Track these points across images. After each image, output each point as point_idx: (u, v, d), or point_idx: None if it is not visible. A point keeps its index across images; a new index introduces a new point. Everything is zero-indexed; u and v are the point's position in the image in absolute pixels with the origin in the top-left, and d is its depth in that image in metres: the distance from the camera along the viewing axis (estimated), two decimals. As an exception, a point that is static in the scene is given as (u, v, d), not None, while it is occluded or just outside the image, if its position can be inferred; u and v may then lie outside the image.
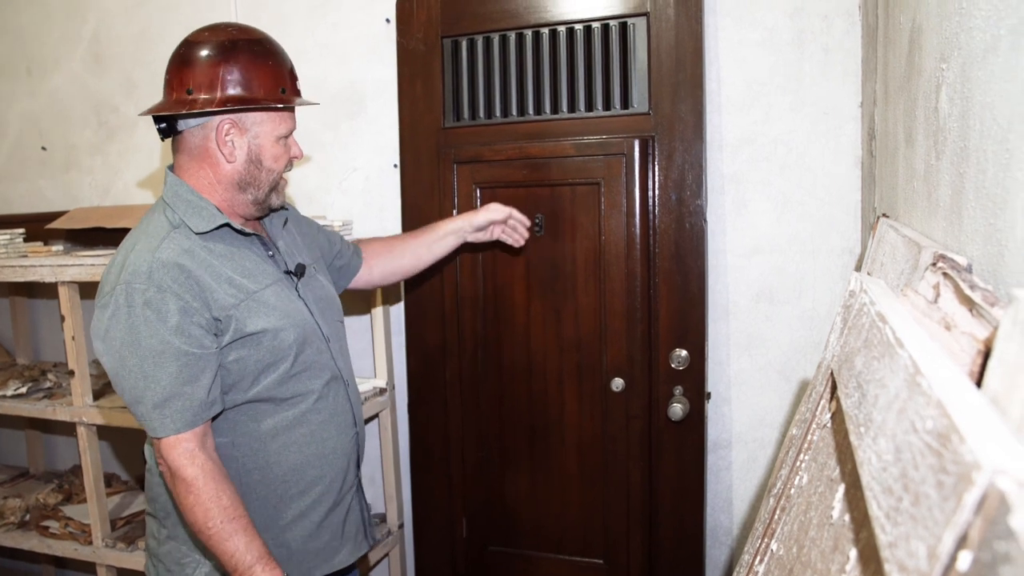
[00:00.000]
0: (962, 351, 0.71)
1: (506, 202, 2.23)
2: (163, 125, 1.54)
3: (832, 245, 2.15)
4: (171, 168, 1.58)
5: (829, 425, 1.00)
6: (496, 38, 2.32)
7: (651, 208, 2.16)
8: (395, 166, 2.56)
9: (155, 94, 2.92)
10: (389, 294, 2.59)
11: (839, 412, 0.91)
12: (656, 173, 2.15)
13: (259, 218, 1.67)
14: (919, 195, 1.18)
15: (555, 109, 2.28)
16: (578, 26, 2.23)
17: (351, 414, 1.70)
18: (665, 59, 2.13)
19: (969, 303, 0.74)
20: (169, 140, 1.58)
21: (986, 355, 0.64)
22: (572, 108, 2.26)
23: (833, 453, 0.93)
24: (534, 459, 2.34)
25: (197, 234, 1.49)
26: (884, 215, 1.52)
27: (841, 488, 0.85)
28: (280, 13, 2.70)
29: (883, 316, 0.74)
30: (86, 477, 2.56)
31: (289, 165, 1.62)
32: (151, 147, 2.99)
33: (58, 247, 2.72)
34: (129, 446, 3.17)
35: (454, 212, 2.33)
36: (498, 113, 2.35)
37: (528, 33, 2.29)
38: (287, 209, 1.76)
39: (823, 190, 2.15)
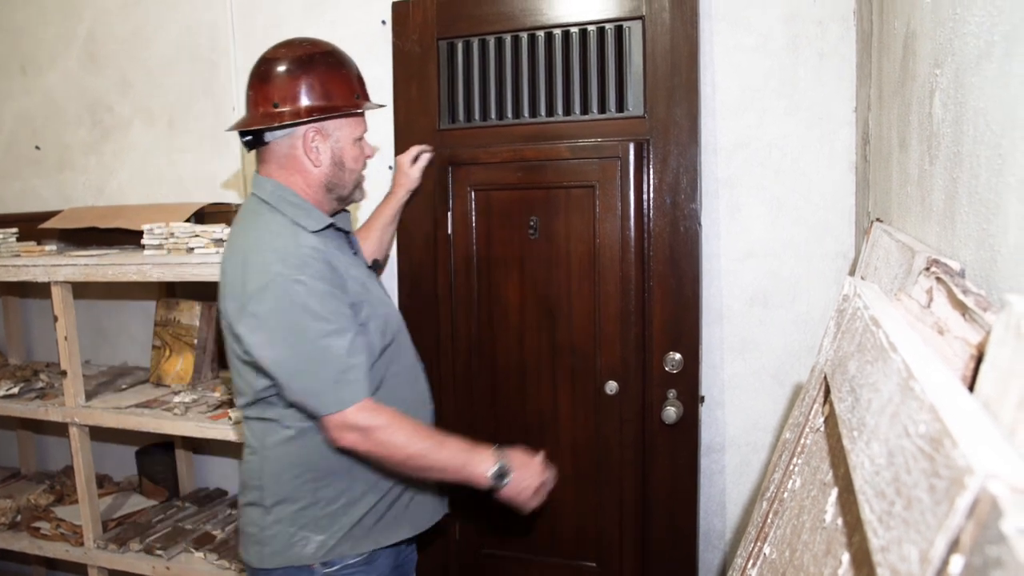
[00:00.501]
0: (955, 355, 0.71)
1: (501, 205, 2.24)
2: (249, 137, 1.66)
3: (826, 249, 2.16)
4: (258, 173, 1.70)
5: (822, 429, 1.01)
6: (492, 40, 2.33)
7: (646, 211, 2.16)
8: (390, 168, 2.56)
9: (151, 94, 2.94)
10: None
11: (832, 416, 0.91)
12: (651, 176, 2.16)
13: (337, 213, 1.79)
14: (913, 200, 1.18)
15: (550, 112, 2.29)
16: (574, 29, 2.24)
17: (428, 393, 1.89)
18: (660, 63, 2.14)
19: (962, 308, 0.74)
20: (250, 152, 1.73)
21: (979, 360, 0.65)
22: (567, 111, 2.27)
23: (826, 457, 0.93)
24: (527, 462, 2.33)
25: (311, 233, 1.62)
26: (878, 219, 1.53)
27: (834, 492, 0.85)
28: (275, 12, 2.70)
29: (877, 320, 0.74)
30: (78, 478, 2.55)
31: (364, 164, 1.76)
32: (146, 147, 2.99)
33: (51, 247, 2.71)
34: (121, 447, 3.16)
35: (449, 215, 2.33)
36: (493, 115, 2.35)
37: (524, 36, 2.29)
38: (348, 211, 1.89)
39: (817, 194, 2.15)
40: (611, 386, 2.20)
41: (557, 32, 2.25)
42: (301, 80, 1.61)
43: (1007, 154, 0.73)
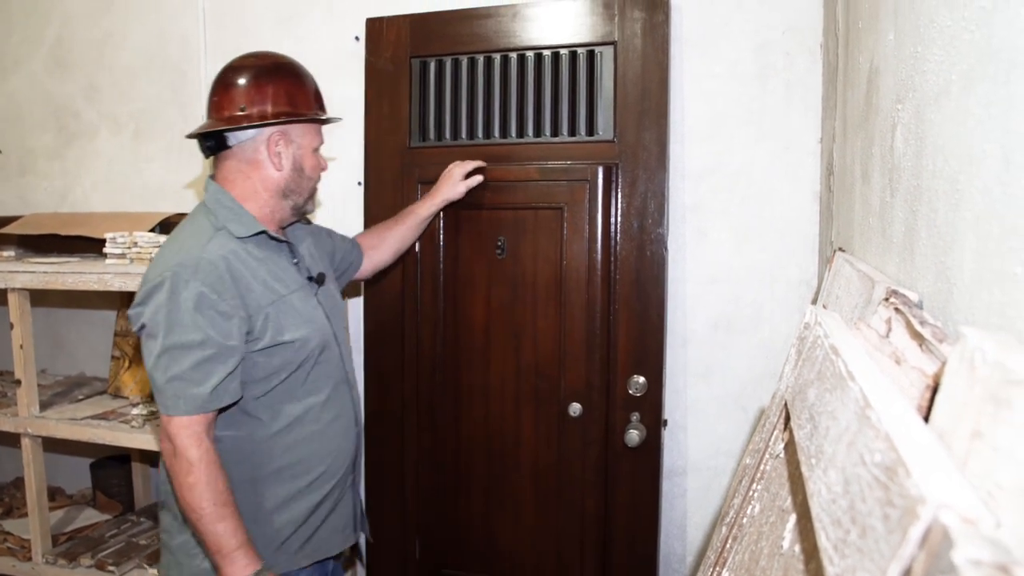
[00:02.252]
0: (911, 385, 0.72)
1: (469, 224, 2.25)
2: (211, 143, 1.71)
3: (789, 276, 2.19)
4: (212, 178, 1.73)
5: (782, 455, 1.01)
6: (465, 60, 2.34)
7: (613, 235, 2.18)
8: (359, 184, 2.55)
9: (118, 101, 2.90)
10: (349, 311, 2.56)
11: (792, 443, 0.92)
12: (619, 200, 2.17)
13: (291, 224, 1.84)
14: (874, 231, 1.21)
15: (521, 133, 2.30)
16: (546, 52, 2.26)
17: (354, 414, 1.85)
18: (631, 88, 2.16)
19: (919, 338, 0.76)
20: (208, 158, 1.76)
21: (934, 390, 0.66)
22: (538, 133, 2.28)
23: (785, 483, 0.94)
24: (489, 482, 2.32)
25: (237, 238, 1.64)
26: (840, 249, 1.55)
27: (792, 518, 0.85)
28: (247, 24, 2.69)
29: (836, 349, 0.75)
30: (28, 490, 2.48)
31: (319, 175, 1.81)
32: (111, 155, 2.95)
33: (9, 253, 2.65)
34: (75, 459, 3.09)
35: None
36: (464, 135, 2.35)
37: (497, 57, 2.30)
38: (309, 220, 1.93)
39: (782, 222, 2.18)
40: (575, 408, 2.20)
41: (530, 54, 2.27)
42: (268, 86, 1.68)
43: (964, 190, 0.75)
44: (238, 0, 2.70)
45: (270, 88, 1.68)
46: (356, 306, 2.57)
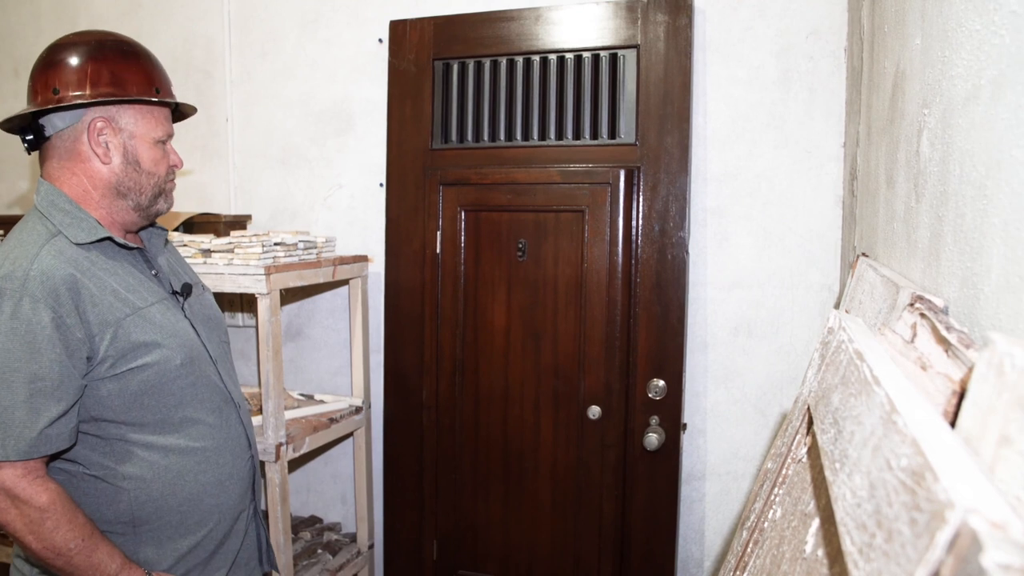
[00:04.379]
0: (937, 391, 0.72)
1: (490, 226, 2.25)
2: (30, 137, 1.44)
3: (811, 281, 2.18)
4: (43, 177, 1.47)
5: (805, 460, 1.01)
6: (487, 63, 2.35)
7: (634, 238, 2.18)
8: (381, 185, 2.56)
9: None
10: (369, 312, 2.58)
11: (815, 447, 0.91)
12: (640, 203, 2.17)
13: (142, 228, 1.57)
14: (898, 236, 1.20)
15: (543, 136, 2.30)
16: (569, 55, 2.26)
17: (245, 438, 1.61)
18: (653, 92, 2.16)
19: (945, 344, 0.75)
20: (31, 154, 1.51)
21: (961, 396, 0.65)
22: (560, 136, 2.29)
23: (808, 488, 0.94)
24: (508, 485, 2.33)
25: (77, 245, 1.38)
26: (864, 254, 1.54)
27: (815, 523, 0.85)
28: (271, 26, 2.71)
29: (861, 354, 0.75)
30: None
31: (171, 173, 1.54)
32: (136, 155, 2.98)
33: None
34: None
35: (438, 234, 2.34)
36: (486, 137, 2.36)
37: (519, 60, 2.31)
38: (165, 229, 1.66)
39: (804, 227, 2.17)
40: (594, 411, 2.20)
41: (552, 57, 2.28)
42: (87, 65, 1.43)
43: (992, 195, 0.75)
44: (262, 3, 2.72)
45: (89, 67, 1.42)
46: (376, 307, 2.58)
